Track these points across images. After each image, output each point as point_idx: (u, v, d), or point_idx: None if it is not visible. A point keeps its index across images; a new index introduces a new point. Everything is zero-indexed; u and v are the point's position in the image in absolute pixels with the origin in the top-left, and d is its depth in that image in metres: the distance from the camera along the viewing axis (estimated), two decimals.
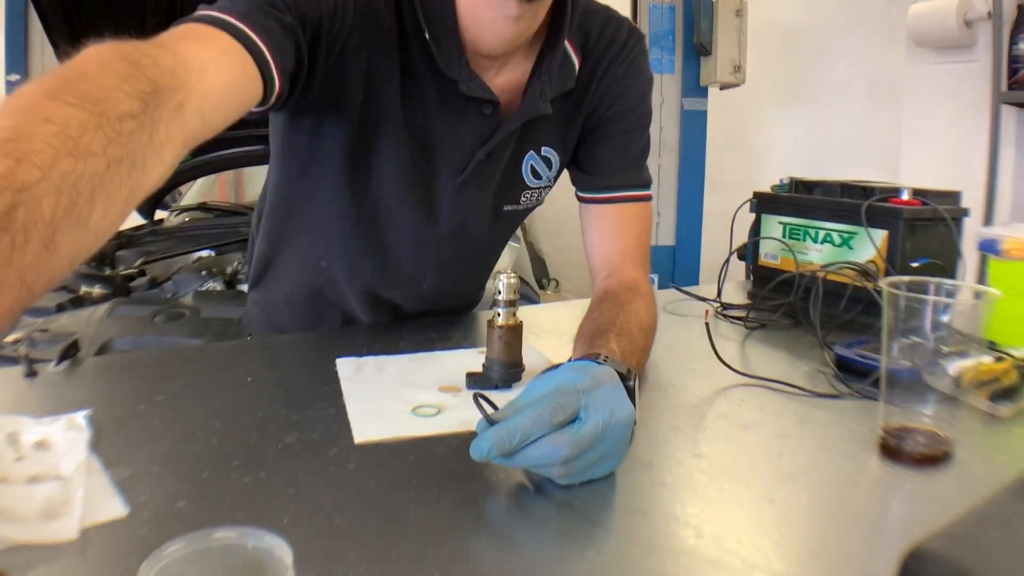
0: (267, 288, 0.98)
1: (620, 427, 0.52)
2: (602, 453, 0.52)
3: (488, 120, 0.79)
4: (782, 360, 0.84)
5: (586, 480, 0.53)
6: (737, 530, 0.47)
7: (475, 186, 0.84)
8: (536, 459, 0.51)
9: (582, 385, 0.53)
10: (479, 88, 0.76)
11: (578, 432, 0.50)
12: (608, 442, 0.52)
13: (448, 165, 0.82)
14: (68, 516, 0.46)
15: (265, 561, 0.34)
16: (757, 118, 3.57)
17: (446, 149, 0.81)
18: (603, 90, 0.85)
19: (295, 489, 0.51)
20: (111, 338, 1.32)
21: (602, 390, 0.53)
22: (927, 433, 0.57)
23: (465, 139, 0.81)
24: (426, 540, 0.45)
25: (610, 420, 0.52)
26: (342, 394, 0.68)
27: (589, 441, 0.51)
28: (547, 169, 0.88)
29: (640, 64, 0.86)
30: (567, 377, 0.54)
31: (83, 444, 0.55)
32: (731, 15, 2.83)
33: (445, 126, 0.80)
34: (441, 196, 0.85)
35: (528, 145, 0.85)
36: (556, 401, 0.51)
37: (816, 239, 1.05)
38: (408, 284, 0.92)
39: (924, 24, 2.29)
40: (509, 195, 0.89)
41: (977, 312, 0.56)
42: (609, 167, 0.88)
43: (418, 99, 0.78)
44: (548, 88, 0.79)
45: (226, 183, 3.03)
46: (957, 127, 2.32)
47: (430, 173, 0.83)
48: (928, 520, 0.47)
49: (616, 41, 0.84)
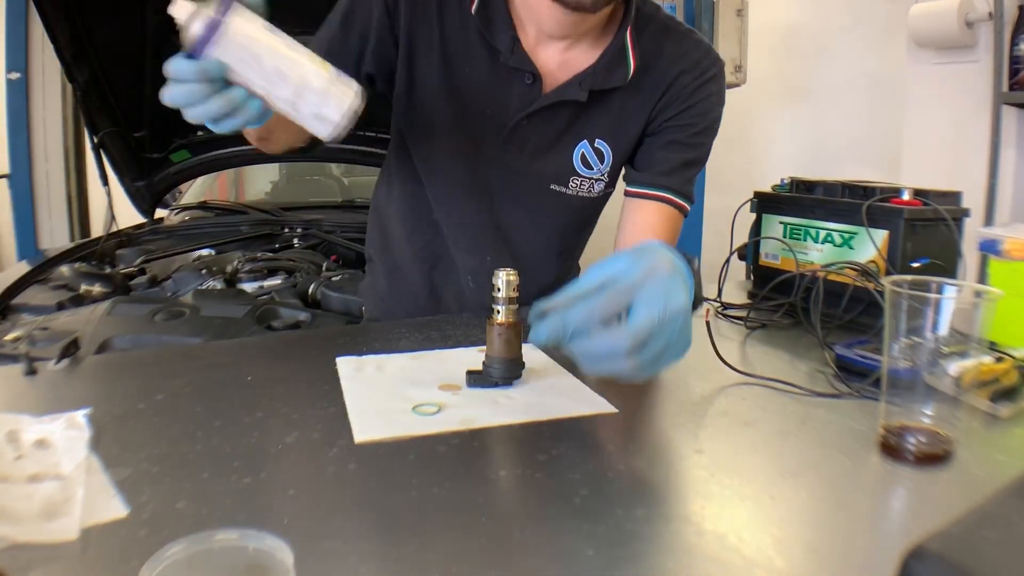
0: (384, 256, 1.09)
1: (676, 317, 0.55)
2: (665, 344, 0.55)
3: (530, 89, 0.88)
4: (782, 360, 0.84)
5: (656, 371, 0.57)
6: (738, 527, 0.47)
7: (516, 146, 0.91)
8: (601, 354, 0.55)
9: (635, 277, 0.55)
10: (520, 60, 0.86)
11: (636, 326, 0.54)
12: (667, 332, 0.55)
13: (493, 123, 0.91)
14: (68, 516, 0.46)
15: (266, 563, 0.34)
16: (758, 118, 3.57)
17: (493, 107, 0.90)
18: (669, 99, 0.91)
19: (295, 490, 0.51)
20: (111, 336, 1.31)
21: (655, 280, 0.55)
22: (928, 432, 0.57)
23: (511, 102, 0.89)
24: (426, 540, 0.45)
25: (665, 311, 0.54)
26: (342, 393, 0.68)
27: (648, 332, 0.54)
28: (599, 162, 0.94)
29: (711, 87, 0.92)
30: (620, 267, 0.56)
31: (83, 443, 0.55)
32: (732, 15, 2.82)
33: (492, 89, 0.89)
34: (485, 156, 0.92)
35: (582, 134, 0.92)
36: (608, 295, 0.55)
37: (817, 239, 1.05)
38: (471, 257, 1.00)
39: (925, 24, 2.29)
40: (557, 176, 0.94)
41: (978, 312, 0.56)
42: (659, 167, 0.93)
43: (462, 62, 0.88)
44: (590, 80, 0.87)
45: (226, 182, 3.03)
46: (958, 127, 2.32)
47: (473, 132, 0.91)
48: (928, 519, 0.47)
49: (690, 57, 0.91)
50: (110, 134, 2.04)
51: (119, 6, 1.79)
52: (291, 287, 1.68)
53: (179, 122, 2.23)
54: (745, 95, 3.13)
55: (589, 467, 0.56)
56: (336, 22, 0.88)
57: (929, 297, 0.56)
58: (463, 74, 0.89)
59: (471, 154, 0.93)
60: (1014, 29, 2.14)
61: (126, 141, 2.11)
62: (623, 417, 0.65)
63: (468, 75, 0.89)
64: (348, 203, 2.55)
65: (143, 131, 2.13)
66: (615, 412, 0.66)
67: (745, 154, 3.57)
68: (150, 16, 1.82)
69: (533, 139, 0.91)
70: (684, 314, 0.55)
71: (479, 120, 0.90)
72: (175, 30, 0.59)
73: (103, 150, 2.05)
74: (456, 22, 0.87)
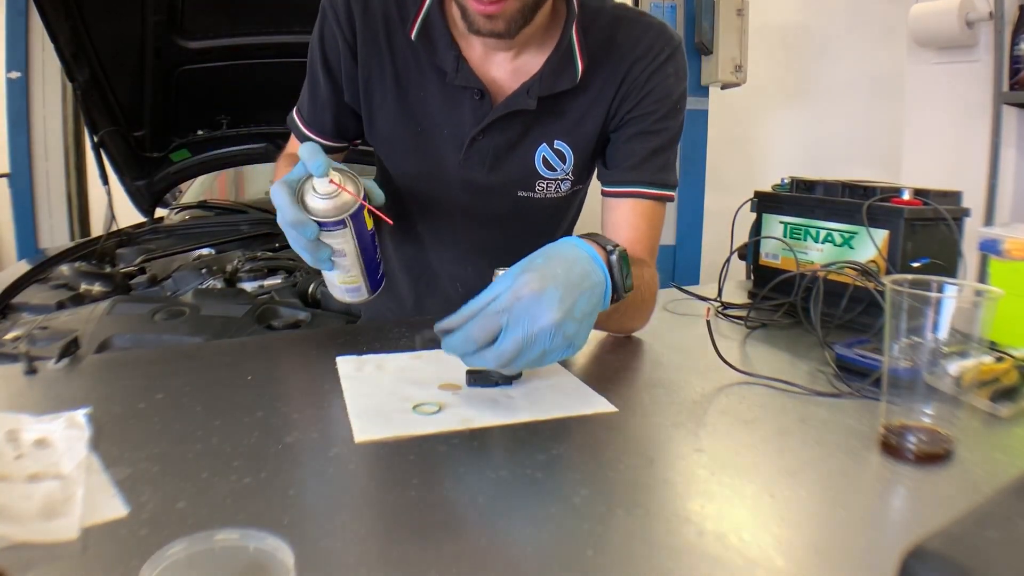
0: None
1: (544, 333, 0.62)
2: (540, 352, 0.62)
3: (480, 104, 0.88)
4: (783, 359, 0.84)
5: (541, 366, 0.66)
6: (738, 526, 0.47)
7: (477, 161, 0.91)
8: (473, 363, 0.65)
9: (503, 302, 0.62)
10: (465, 78, 0.86)
11: (499, 348, 0.62)
12: (538, 346, 0.62)
13: (451, 143, 0.91)
14: (68, 515, 0.46)
15: (266, 563, 0.34)
16: (758, 118, 3.57)
17: (447, 128, 0.90)
18: (626, 92, 0.89)
19: (296, 490, 0.51)
20: (111, 336, 1.31)
21: (520, 304, 0.62)
22: (928, 432, 0.57)
23: (464, 120, 0.89)
24: (426, 540, 0.45)
25: (530, 330, 0.61)
26: (342, 393, 0.68)
27: (514, 352, 0.62)
28: (561, 163, 0.93)
29: (667, 69, 0.89)
30: (497, 289, 0.63)
31: (83, 442, 0.55)
32: (732, 14, 2.82)
33: (446, 109, 0.89)
34: (450, 174, 0.93)
35: (540, 138, 0.91)
36: (479, 321, 0.62)
37: (817, 239, 1.05)
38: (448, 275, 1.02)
39: (925, 24, 2.29)
40: (523, 182, 0.94)
41: (978, 312, 0.56)
42: (626, 163, 0.91)
43: (416, 87, 0.90)
44: (537, 86, 0.86)
45: (226, 181, 3.03)
46: (958, 127, 2.32)
47: (435, 152, 0.92)
48: (928, 518, 0.47)
49: (642, 45, 0.88)
50: (110, 133, 2.04)
51: (119, 5, 1.80)
52: (291, 286, 1.69)
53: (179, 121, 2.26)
54: (745, 95, 3.13)
55: (589, 467, 0.56)
56: (319, 70, 0.92)
57: (929, 297, 0.56)
58: (418, 98, 0.90)
59: (437, 174, 0.94)
60: (1014, 29, 2.14)
61: (126, 140, 2.11)
62: (623, 417, 0.65)
63: (423, 98, 0.90)
64: None
65: (143, 130, 2.13)
66: (615, 412, 0.66)
67: (745, 154, 3.57)
68: (150, 15, 1.82)
69: (491, 151, 0.91)
70: (554, 328, 0.62)
71: (439, 141, 0.91)
72: (175, 30, 0.60)
73: (103, 149, 2.05)
74: (405, 49, 0.88)
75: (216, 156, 2.29)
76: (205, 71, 2.03)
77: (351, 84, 0.91)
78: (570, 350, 0.65)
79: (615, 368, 0.81)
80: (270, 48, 2.01)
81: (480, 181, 0.93)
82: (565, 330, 0.63)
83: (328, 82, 0.91)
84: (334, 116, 0.94)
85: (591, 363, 0.81)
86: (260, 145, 2.34)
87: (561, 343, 0.63)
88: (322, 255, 0.73)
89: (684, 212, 3.09)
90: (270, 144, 2.32)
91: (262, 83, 2.10)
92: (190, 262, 1.87)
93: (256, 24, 1.97)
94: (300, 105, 0.97)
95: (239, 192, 3.07)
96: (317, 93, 0.93)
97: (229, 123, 2.26)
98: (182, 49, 1.94)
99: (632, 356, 0.84)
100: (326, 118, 0.95)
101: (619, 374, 0.79)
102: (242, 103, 2.22)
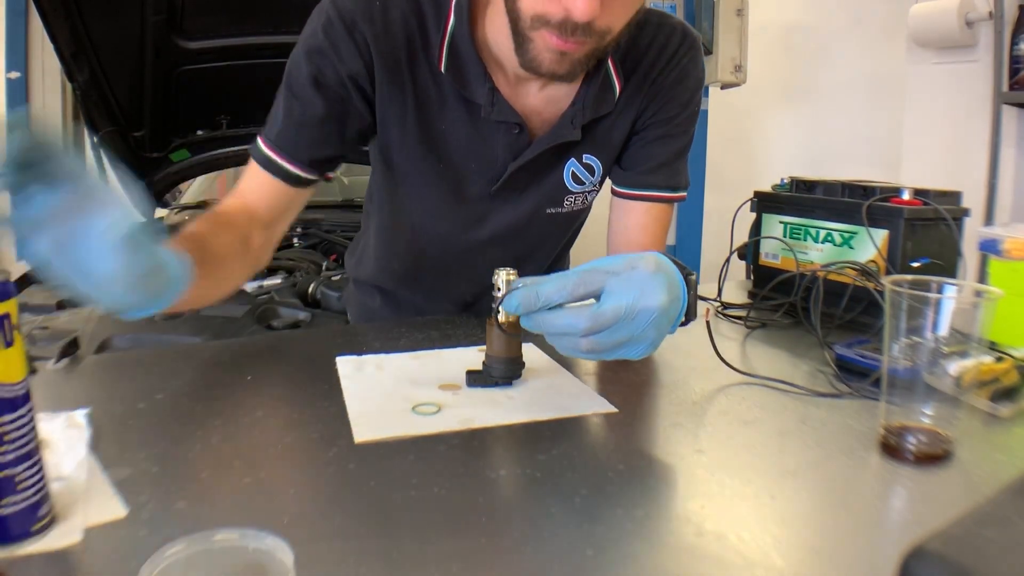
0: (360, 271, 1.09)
1: (648, 312, 0.56)
2: (629, 335, 0.56)
3: (517, 139, 0.83)
4: (782, 359, 0.84)
5: (616, 358, 0.58)
6: (738, 527, 0.47)
7: (510, 189, 0.88)
8: (558, 326, 0.57)
9: (614, 267, 0.57)
10: (502, 112, 0.80)
11: (599, 309, 0.55)
12: (635, 326, 0.56)
13: (481, 176, 0.87)
14: (69, 516, 0.46)
15: (266, 563, 0.34)
16: (758, 117, 3.57)
17: (478, 162, 0.86)
18: (650, 97, 0.87)
19: (295, 490, 0.51)
20: (110, 336, 1.31)
21: (634, 273, 0.56)
22: (928, 432, 0.57)
23: (497, 155, 0.85)
24: (426, 540, 0.45)
25: (636, 304, 0.55)
26: (342, 393, 0.68)
27: (610, 319, 0.55)
28: (590, 175, 0.91)
29: (688, 70, 0.87)
30: (605, 260, 0.58)
31: (83, 443, 0.55)
32: (732, 14, 2.82)
33: (476, 143, 0.84)
34: (475, 204, 0.89)
35: (570, 154, 0.88)
36: (582, 276, 0.56)
37: (817, 238, 1.05)
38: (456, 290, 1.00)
39: (925, 24, 2.29)
40: (552, 199, 0.91)
41: (978, 312, 0.56)
42: (645, 167, 0.90)
43: (439, 120, 0.83)
44: (580, 116, 0.83)
45: (226, 181, 3.02)
46: (958, 127, 2.32)
47: (460, 183, 0.87)
48: (928, 519, 0.47)
49: (666, 51, 0.85)
50: (110, 133, 2.04)
51: (119, 5, 1.79)
52: (291, 286, 1.68)
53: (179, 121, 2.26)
54: (745, 95, 3.13)
55: (589, 467, 0.56)
56: (308, 86, 0.78)
57: (929, 297, 0.56)
58: (440, 132, 0.83)
59: (458, 208, 0.90)
60: (1014, 29, 2.14)
61: (126, 140, 2.11)
62: (623, 417, 0.65)
63: (445, 132, 0.83)
64: (347, 203, 2.55)
65: (143, 130, 2.13)
66: (615, 412, 0.65)
67: (745, 153, 3.57)
68: (149, 15, 1.82)
69: (524, 178, 0.88)
70: (658, 313, 0.56)
71: (465, 172, 0.86)
72: (174, 30, 0.60)
73: (103, 149, 2.05)
74: (428, 79, 0.80)
75: (216, 156, 2.29)
76: (205, 71, 2.03)
77: (358, 114, 0.81)
78: (650, 348, 0.59)
79: (615, 368, 0.80)
80: (270, 48, 2.00)
81: (508, 206, 0.90)
82: (660, 324, 0.57)
83: (323, 101, 0.79)
84: (313, 139, 0.80)
85: (591, 363, 0.81)
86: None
87: (652, 335, 0.57)
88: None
89: (684, 212, 3.09)
90: None
91: (262, 83, 2.08)
92: None
93: (256, 24, 1.97)
94: (266, 130, 0.82)
95: None
96: (296, 110, 0.79)
97: (229, 123, 2.26)
98: (182, 49, 1.94)
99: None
100: (301, 140, 0.80)
101: (619, 374, 0.79)
102: (242, 103, 2.22)
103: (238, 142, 2.31)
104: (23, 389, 0.42)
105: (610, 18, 0.68)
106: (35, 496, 0.43)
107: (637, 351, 0.58)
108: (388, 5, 0.77)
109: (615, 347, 0.57)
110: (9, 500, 0.42)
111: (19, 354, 0.42)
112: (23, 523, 0.43)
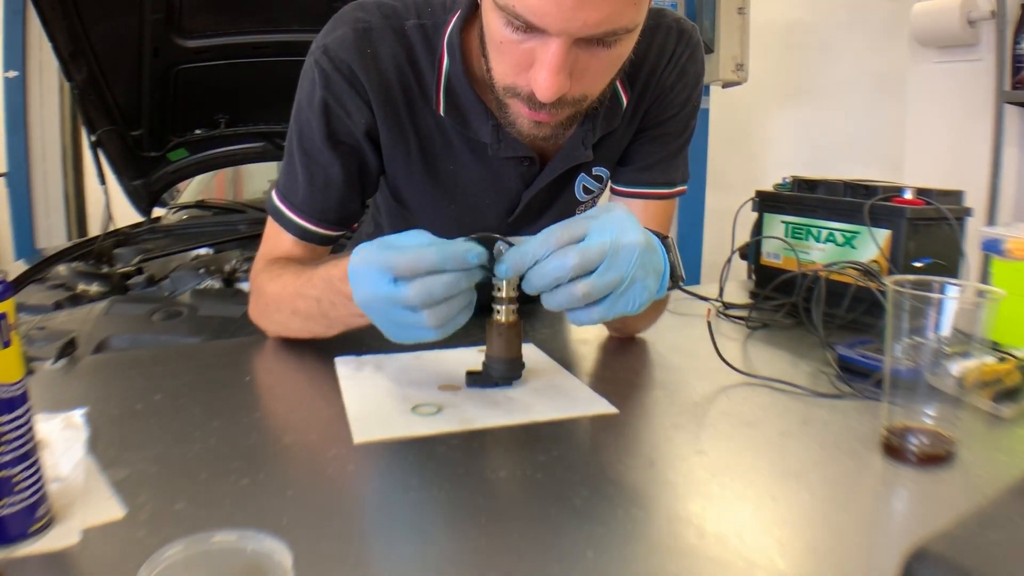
0: None
1: (630, 248, 0.57)
2: (619, 275, 0.57)
3: (528, 170, 0.83)
4: (784, 360, 0.84)
5: (618, 313, 0.59)
6: (739, 528, 0.47)
7: (526, 216, 0.88)
8: (549, 271, 0.57)
9: (590, 214, 0.59)
10: (509, 148, 0.79)
11: (586, 244, 0.56)
12: (621, 263, 0.57)
13: (496, 207, 0.87)
14: (67, 517, 0.45)
15: (264, 564, 0.34)
16: (759, 116, 3.56)
17: (491, 196, 0.85)
18: (651, 100, 0.86)
19: (294, 491, 0.50)
20: (108, 336, 1.31)
21: (611, 215, 0.58)
22: (930, 433, 0.57)
23: (511, 187, 0.85)
24: (426, 540, 0.45)
25: (619, 239, 0.57)
26: (341, 393, 0.68)
27: (597, 253, 0.56)
28: (599, 184, 0.90)
29: (687, 68, 0.85)
30: (582, 213, 0.60)
31: (80, 443, 0.55)
32: (734, 13, 2.82)
33: (487, 180, 0.84)
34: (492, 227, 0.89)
35: (580, 171, 0.87)
36: (563, 225, 0.58)
37: (818, 238, 1.05)
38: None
39: (927, 23, 2.29)
40: (562, 214, 0.90)
41: (980, 312, 0.56)
42: (643, 163, 0.89)
43: (446, 161, 0.82)
44: (591, 135, 0.81)
45: (224, 181, 3.02)
46: (960, 126, 2.32)
47: (474, 215, 0.86)
48: (931, 520, 0.47)
49: (665, 52, 0.84)
50: (108, 132, 2.03)
51: (117, 4, 1.79)
52: None
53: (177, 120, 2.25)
54: (746, 93, 3.13)
55: (589, 468, 0.55)
56: (324, 149, 0.78)
57: (931, 297, 0.56)
58: (448, 171, 0.83)
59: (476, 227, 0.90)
60: (1016, 28, 2.14)
61: (124, 140, 2.11)
62: (623, 417, 0.65)
63: (454, 172, 0.83)
64: None
65: (141, 129, 2.13)
66: (615, 412, 0.65)
67: (746, 153, 3.57)
68: (148, 14, 1.81)
69: (539, 203, 0.87)
70: (640, 249, 0.58)
71: (479, 207, 0.86)
72: (173, 29, 0.60)
73: (101, 149, 2.04)
74: (429, 122, 0.79)
75: (214, 155, 2.29)
76: (203, 70, 2.03)
77: (373, 163, 0.82)
78: (643, 294, 0.59)
79: (615, 369, 0.80)
80: (268, 47, 2.00)
81: (521, 225, 0.89)
82: (645, 263, 0.59)
83: (341, 161, 0.79)
84: (340, 200, 0.82)
85: (591, 364, 0.81)
86: (258, 144, 2.33)
87: (641, 276, 0.58)
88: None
89: (685, 211, 3.09)
90: (268, 143, 2.31)
91: (260, 82, 2.09)
92: (188, 262, 1.86)
93: (254, 23, 1.97)
94: (286, 193, 0.82)
95: (237, 192, 3.06)
96: (319, 174, 0.80)
97: (227, 122, 2.26)
98: (180, 48, 1.93)
99: (632, 357, 0.84)
100: (329, 204, 0.81)
101: (619, 375, 0.78)
102: (240, 102, 2.22)
103: (236, 141, 2.30)
104: (20, 389, 0.42)
105: (583, 87, 0.65)
106: (33, 497, 0.43)
107: (631, 300, 0.59)
108: (378, 51, 0.76)
109: (607, 289, 0.58)
110: (7, 501, 0.42)
111: (16, 354, 0.42)
112: (21, 524, 0.43)
